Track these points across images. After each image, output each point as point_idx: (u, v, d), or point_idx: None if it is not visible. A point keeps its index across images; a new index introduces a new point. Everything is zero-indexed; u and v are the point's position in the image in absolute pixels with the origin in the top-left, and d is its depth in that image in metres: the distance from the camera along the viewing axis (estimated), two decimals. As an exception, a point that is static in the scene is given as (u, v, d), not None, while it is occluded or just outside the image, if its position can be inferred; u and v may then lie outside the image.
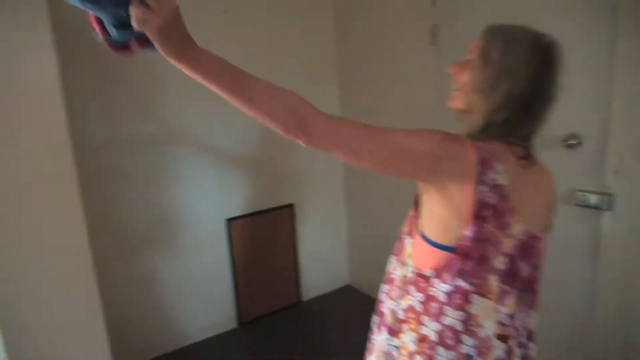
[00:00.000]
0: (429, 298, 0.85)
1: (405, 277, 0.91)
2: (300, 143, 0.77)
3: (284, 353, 2.46)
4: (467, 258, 0.80)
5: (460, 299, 0.82)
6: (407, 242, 0.93)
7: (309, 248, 3.01)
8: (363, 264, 3.07)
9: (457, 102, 0.91)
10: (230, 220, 2.60)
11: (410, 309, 0.88)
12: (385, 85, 2.54)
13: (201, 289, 2.58)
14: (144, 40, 0.67)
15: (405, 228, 0.96)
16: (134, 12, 0.63)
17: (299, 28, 2.75)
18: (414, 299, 0.87)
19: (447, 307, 0.82)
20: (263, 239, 2.79)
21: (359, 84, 2.75)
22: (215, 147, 2.51)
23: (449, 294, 0.82)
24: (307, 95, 0.78)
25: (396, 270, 0.96)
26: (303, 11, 2.75)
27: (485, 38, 0.87)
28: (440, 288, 0.83)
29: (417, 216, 0.91)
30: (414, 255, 0.89)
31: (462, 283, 0.81)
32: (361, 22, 2.63)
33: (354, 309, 2.91)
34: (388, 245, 2.66)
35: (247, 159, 2.66)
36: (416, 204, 0.93)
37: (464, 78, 0.89)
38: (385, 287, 1.00)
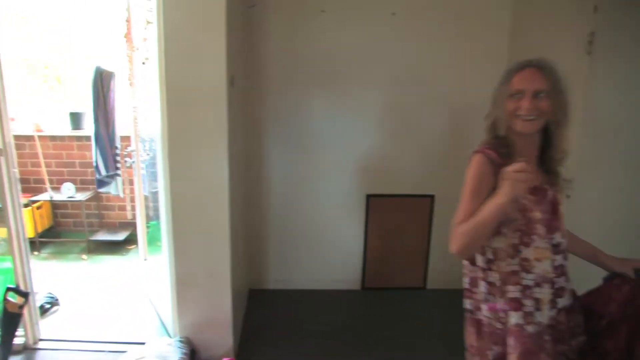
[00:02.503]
0: None
1: None
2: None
3: (400, 323, 2.77)
4: None
5: None
6: None
7: (442, 241, 3.12)
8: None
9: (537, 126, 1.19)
10: (370, 197, 3.00)
11: None
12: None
13: (337, 248, 3.11)
14: None
15: None
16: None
17: (470, 33, 2.82)
18: None
19: None
20: (398, 221, 3.09)
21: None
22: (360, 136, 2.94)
23: None
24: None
25: None
26: (478, 13, 2.82)
27: (550, 71, 1.19)
28: None
29: None
30: None
31: None
32: (536, 22, 2.54)
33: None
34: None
35: (398, 143, 2.98)
36: None
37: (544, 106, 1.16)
38: None
